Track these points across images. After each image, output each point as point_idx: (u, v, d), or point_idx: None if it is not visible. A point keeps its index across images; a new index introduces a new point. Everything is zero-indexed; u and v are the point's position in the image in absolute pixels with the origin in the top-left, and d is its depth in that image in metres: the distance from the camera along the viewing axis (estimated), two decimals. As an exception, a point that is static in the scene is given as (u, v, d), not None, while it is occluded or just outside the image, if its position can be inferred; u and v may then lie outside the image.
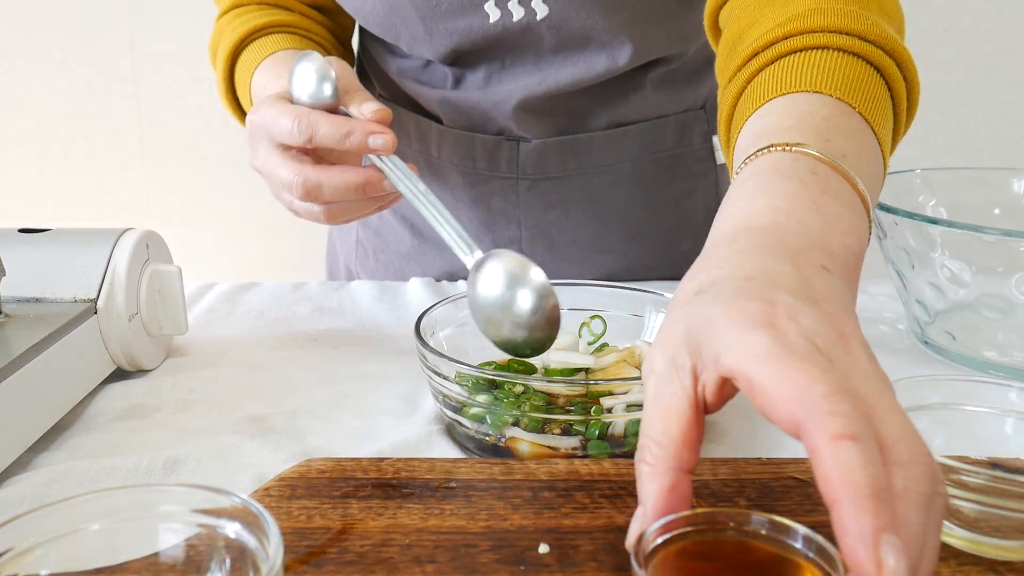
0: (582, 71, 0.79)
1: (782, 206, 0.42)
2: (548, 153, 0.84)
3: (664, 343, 0.37)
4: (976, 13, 1.64)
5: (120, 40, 1.66)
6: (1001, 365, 0.66)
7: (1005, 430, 0.48)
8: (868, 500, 0.30)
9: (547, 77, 0.79)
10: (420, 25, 0.78)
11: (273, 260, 1.78)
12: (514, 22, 0.76)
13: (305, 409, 0.60)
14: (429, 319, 0.59)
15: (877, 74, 0.53)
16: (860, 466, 0.30)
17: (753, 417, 0.59)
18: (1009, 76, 1.68)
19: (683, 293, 0.39)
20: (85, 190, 1.74)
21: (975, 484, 0.40)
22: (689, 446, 0.35)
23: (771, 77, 0.53)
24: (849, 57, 0.53)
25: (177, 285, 0.66)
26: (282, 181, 0.64)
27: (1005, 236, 0.61)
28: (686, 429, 0.35)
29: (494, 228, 0.87)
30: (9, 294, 0.61)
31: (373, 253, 0.96)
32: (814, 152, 0.45)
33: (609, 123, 0.84)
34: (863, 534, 0.30)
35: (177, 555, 0.38)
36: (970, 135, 1.69)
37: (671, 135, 0.87)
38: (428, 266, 0.92)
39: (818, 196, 0.43)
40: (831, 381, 0.32)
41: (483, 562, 0.41)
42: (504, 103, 0.81)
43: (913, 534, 0.31)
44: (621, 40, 0.77)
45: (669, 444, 0.35)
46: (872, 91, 0.52)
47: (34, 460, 0.54)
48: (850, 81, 0.51)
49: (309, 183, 0.62)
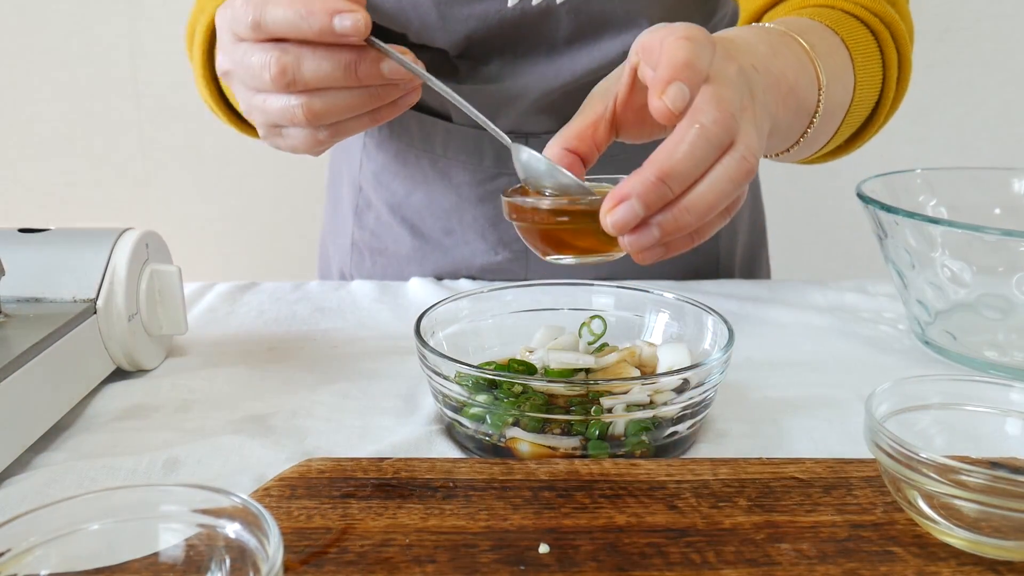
0: (597, 60, 0.78)
1: (748, 36, 0.56)
2: None
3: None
4: (976, 13, 1.64)
5: (120, 40, 1.66)
6: (1001, 365, 0.66)
7: (1005, 430, 0.48)
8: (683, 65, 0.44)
9: (562, 69, 0.79)
10: (434, 11, 0.76)
11: (273, 260, 1.78)
12: (533, 5, 0.74)
13: (305, 409, 0.60)
14: (429, 319, 0.59)
15: (870, 34, 0.66)
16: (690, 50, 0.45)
17: (753, 417, 0.59)
18: (1009, 76, 1.68)
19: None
20: (85, 190, 1.73)
21: (975, 484, 0.40)
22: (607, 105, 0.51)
23: (775, 14, 0.69)
24: (848, 17, 0.66)
25: (177, 285, 0.66)
26: (252, 68, 0.54)
27: (1005, 236, 0.61)
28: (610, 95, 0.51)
29: (499, 225, 0.87)
30: (9, 294, 0.61)
31: (370, 255, 0.95)
32: (789, 32, 0.60)
33: None
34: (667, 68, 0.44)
35: (177, 555, 0.38)
36: (970, 135, 1.69)
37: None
38: (429, 269, 0.91)
39: (776, 41, 0.58)
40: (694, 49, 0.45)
41: (483, 562, 0.41)
42: (519, 99, 0.80)
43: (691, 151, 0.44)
44: (639, 24, 0.76)
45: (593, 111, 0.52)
46: (859, 37, 0.65)
47: (34, 460, 0.54)
48: (842, 24, 0.65)
49: (285, 59, 0.52)
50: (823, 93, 0.60)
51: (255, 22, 0.52)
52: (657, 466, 0.49)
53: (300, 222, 1.74)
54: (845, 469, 0.49)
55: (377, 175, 0.91)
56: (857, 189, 0.71)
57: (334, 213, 1.00)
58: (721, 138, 0.45)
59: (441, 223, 0.89)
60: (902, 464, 0.42)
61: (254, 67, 0.53)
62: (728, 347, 0.54)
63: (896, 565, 0.41)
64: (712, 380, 0.53)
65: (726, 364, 0.54)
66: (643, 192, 0.44)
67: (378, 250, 0.94)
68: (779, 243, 1.74)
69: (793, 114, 0.58)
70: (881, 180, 0.75)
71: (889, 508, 0.45)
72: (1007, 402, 0.48)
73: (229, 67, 0.57)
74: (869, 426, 0.44)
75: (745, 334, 0.71)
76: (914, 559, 0.42)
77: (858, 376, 0.65)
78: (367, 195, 0.93)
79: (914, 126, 1.64)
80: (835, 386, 0.63)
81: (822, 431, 0.57)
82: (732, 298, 0.81)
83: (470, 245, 0.88)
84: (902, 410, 0.47)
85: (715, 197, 0.45)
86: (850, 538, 0.43)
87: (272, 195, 1.72)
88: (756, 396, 0.62)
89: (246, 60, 0.54)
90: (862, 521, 0.44)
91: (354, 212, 0.94)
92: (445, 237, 0.89)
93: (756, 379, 0.64)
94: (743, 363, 0.67)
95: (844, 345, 0.72)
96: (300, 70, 0.52)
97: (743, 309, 0.79)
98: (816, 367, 0.67)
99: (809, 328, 0.75)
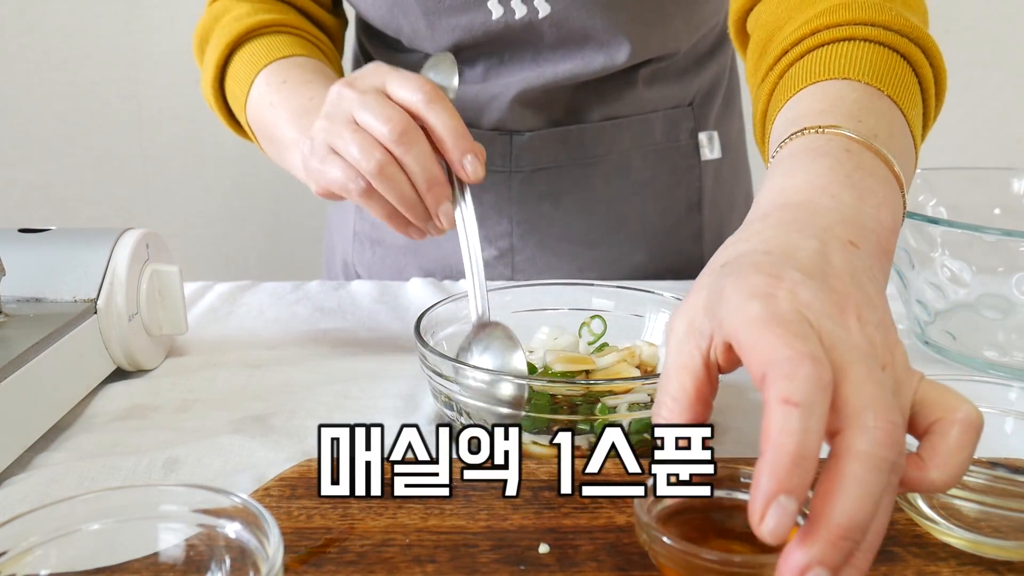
0: (580, 67, 0.80)
1: (817, 182, 0.43)
2: (541, 145, 0.85)
3: (686, 309, 0.39)
4: (976, 13, 1.64)
5: (120, 40, 1.66)
6: (1001, 365, 0.66)
7: (1005, 430, 0.48)
8: (784, 461, 0.31)
9: (545, 71, 0.80)
10: (422, 20, 0.78)
11: (273, 260, 1.78)
12: (516, 19, 0.77)
13: (305, 409, 0.60)
14: (429, 319, 0.59)
15: (903, 61, 0.55)
16: (792, 431, 0.31)
17: (753, 417, 0.59)
18: (1009, 76, 1.68)
19: (712, 265, 0.41)
20: (85, 190, 1.73)
21: (975, 484, 0.40)
22: (702, 401, 0.37)
23: (801, 70, 0.55)
24: (875, 46, 0.54)
25: (177, 285, 0.66)
26: (382, 111, 0.57)
27: (1005, 236, 0.61)
28: (699, 386, 0.37)
29: (485, 223, 0.87)
30: (9, 294, 0.61)
31: (370, 245, 0.96)
32: (847, 132, 0.47)
33: (602, 116, 0.85)
34: (763, 490, 0.31)
35: (177, 555, 0.38)
36: (970, 135, 1.69)
37: (659, 130, 0.88)
38: (425, 259, 0.92)
39: (852, 171, 0.44)
40: (800, 347, 0.33)
41: (483, 562, 0.41)
42: (502, 96, 0.82)
43: (867, 492, 0.32)
44: (620, 40, 0.78)
45: (684, 399, 0.37)
46: (900, 76, 0.53)
47: (34, 460, 0.54)
48: (877, 67, 0.53)
49: (411, 127, 0.57)
50: (904, 186, 0.48)
51: (429, 95, 0.57)
52: (657, 466, 0.49)
53: (300, 222, 1.74)
54: (845, 469, 0.49)
55: None
56: (857, 189, 0.71)
57: (337, 207, 1.02)
58: (891, 458, 0.32)
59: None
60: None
61: (386, 112, 0.57)
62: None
63: (896, 565, 0.41)
64: (712, 380, 0.53)
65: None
66: (827, 557, 0.32)
67: (377, 240, 0.95)
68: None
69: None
70: (881, 180, 0.75)
71: (889, 508, 0.45)
72: (1007, 402, 0.48)
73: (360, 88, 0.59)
74: (869, 426, 0.44)
75: (745, 334, 0.71)
76: (914, 559, 0.42)
77: (858, 376, 0.65)
78: None
79: (914, 126, 1.64)
80: (835, 386, 0.63)
81: (822, 431, 0.57)
82: (732, 298, 0.81)
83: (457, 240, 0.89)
84: (902, 410, 0.47)
85: (885, 521, 0.34)
86: (850, 538, 0.43)
87: (272, 195, 1.72)
88: (756, 396, 0.62)
89: (385, 105, 0.57)
90: (862, 521, 0.44)
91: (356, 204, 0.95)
92: None
93: (756, 379, 0.64)
94: (743, 363, 0.67)
95: (844, 345, 0.72)
96: (413, 146, 0.57)
97: (743, 309, 0.78)
98: (816, 367, 0.67)
99: (809, 328, 0.75)
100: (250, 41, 0.78)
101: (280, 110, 0.72)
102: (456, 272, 0.91)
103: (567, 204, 0.88)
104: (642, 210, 0.90)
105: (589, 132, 0.86)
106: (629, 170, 0.88)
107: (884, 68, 0.53)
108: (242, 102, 0.77)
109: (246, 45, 0.78)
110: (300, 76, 0.74)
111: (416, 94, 0.58)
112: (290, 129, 0.71)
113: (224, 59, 0.79)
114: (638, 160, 0.88)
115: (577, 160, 0.86)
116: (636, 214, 0.90)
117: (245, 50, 0.78)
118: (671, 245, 0.92)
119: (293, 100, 0.72)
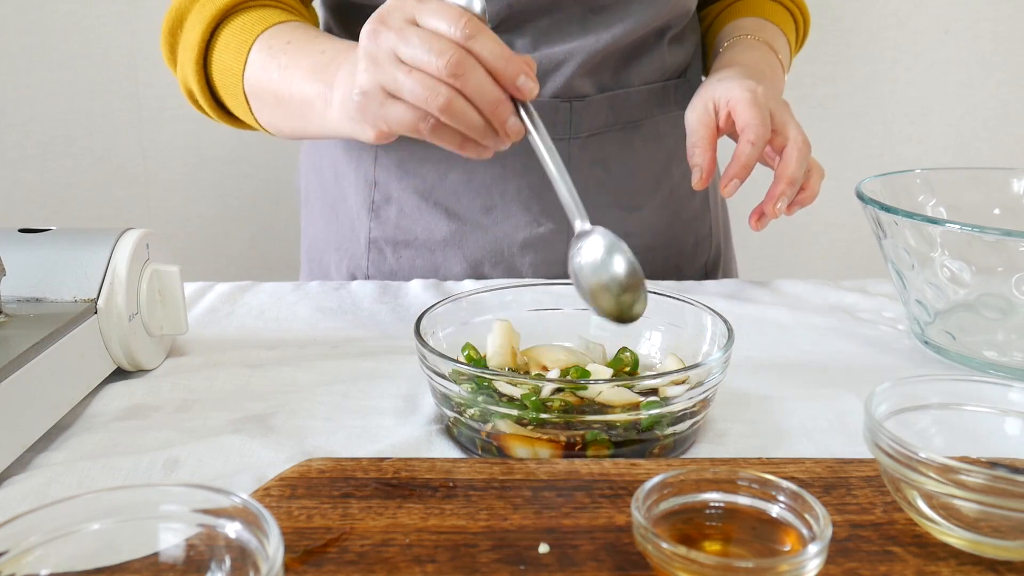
0: (630, 24, 0.84)
1: (758, 58, 0.88)
2: (596, 111, 0.87)
3: (701, 96, 0.79)
4: (976, 13, 1.64)
5: (120, 40, 1.66)
6: (1001, 365, 0.66)
7: (1005, 430, 0.48)
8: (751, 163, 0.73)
9: (602, 35, 0.83)
10: None
11: (273, 260, 1.78)
12: None
13: (305, 409, 0.60)
14: (429, 319, 0.59)
15: (787, 12, 0.98)
16: (753, 153, 0.73)
17: (753, 417, 0.59)
18: (1009, 76, 1.68)
19: (711, 79, 0.81)
20: (85, 190, 1.73)
21: (975, 484, 0.40)
22: (714, 143, 0.76)
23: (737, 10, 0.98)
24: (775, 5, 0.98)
25: (177, 285, 0.66)
26: (431, 44, 0.57)
27: (1005, 236, 0.61)
28: (712, 135, 0.76)
29: (544, 196, 0.87)
30: (9, 294, 0.61)
31: (392, 250, 0.92)
32: (765, 40, 0.92)
33: (641, 81, 0.89)
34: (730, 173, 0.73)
35: (177, 555, 0.38)
36: (970, 135, 1.69)
37: (675, 98, 0.93)
38: (468, 251, 0.90)
39: (769, 56, 0.90)
40: (763, 118, 0.74)
41: (483, 562, 0.41)
42: (566, 63, 0.83)
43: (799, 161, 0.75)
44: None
45: (707, 142, 0.76)
46: (783, 15, 0.98)
47: (34, 460, 0.54)
48: (776, 9, 0.97)
49: (468, 61, 0.56)
50: (786, 70, 0.94)
51: (468, 27, 0.56)
52: (657, 466, 0.49)
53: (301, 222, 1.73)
54: (845, 469, 0.49)
55: (401, 165, 0.90)
56: (857, 189, 0.71)
57: (332, 221, 0.98)
58: (805, 148, 0.75)
59: (481, 200, 0.88)
60: (902, 464, 0.42)
61: (434, 45, 0.56)
62: (728, 347, 0.54)
63: (896, 565, 0.41)
64: (712, 380, 0.53)
65: (726, 364, 0.54)
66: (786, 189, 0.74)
67: (404, 243, 0.91)
68: (779, 243, 1.74)
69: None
70: (881, 180, 0.75)
71: (889, 508, 0.45)
72: (1006, 402, 0.48)
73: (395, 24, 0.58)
74: (869, 426, 0.44)
75: (745, 334, 0.71)
76: (914, 559, 0.42)
77: (858, 376, 0.65)
78: (385, 189, 0.92)
79: (914, 126, 1.64)
80: (835, 386, 0.64)
81: (822, 431, 0.57)
82: (732, 298, 0.81)
83: (512, 219, 0.89)
84: (902, 410, 0.47)
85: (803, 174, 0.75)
86: (850, 538, 0.43)
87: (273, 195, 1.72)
88: (756, 396, 0.62)
89: (429, 38, 0.57)
90: (862, 521, 0.44)
91: (369, 210, 0.92)
92: (484, 216, 0.89)
93: (756, 379, 0.64)
94: (743, 363, 0.67)
95: (844, 345, 0.72)
96: (470, 75, 0.56)
97: (743, 309, 0.79)
98: (816, 367, 0.67)
99: (809, 328, 0.75)
100: (237, 15, 0.77)
101: (294, 69, 0.71)
102: (503, 255, 0.89)
103: (616, 169, 0.90)
104: (670, 173, 0.93)
105: (634, 97, 0.89)
106: (659, 136, 0.92)
107: (778, 8, 0.97)
108: (239, 72, 0.75)
109: (234, 18, 0.77)
110: (303, 35, 0.73)
111: (454, 27, 0.57)
112: (310, 85, 0.69)
113: (208, 34, 0.77)
114: (666, 126, 0.92)
115: (622, 125, 0.89)
116: (666, 177, 0.93)
117: (234, 22, 0.77)
118: (689, 211, 0.97)
119: (305, 57, 0.70)
